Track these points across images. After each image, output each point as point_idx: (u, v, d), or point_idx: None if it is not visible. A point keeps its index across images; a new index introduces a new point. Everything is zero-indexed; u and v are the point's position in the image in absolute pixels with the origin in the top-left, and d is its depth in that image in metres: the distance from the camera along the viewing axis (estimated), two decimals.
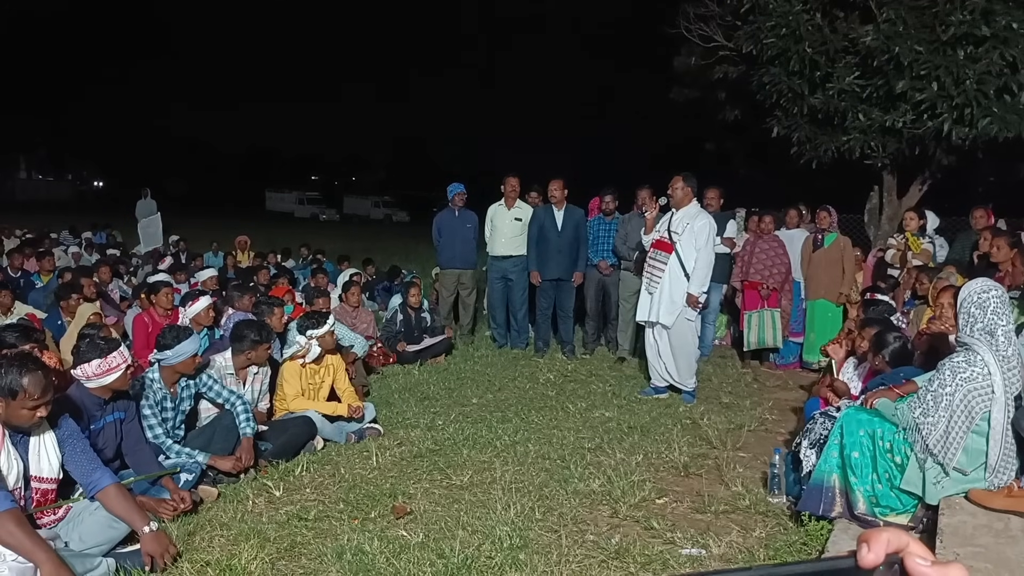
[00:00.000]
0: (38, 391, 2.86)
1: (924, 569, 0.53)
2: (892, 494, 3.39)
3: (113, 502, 3.08)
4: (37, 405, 2.88)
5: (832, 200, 7.54)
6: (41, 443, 3.04)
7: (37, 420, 2.92)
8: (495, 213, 7.91)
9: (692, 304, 5.84)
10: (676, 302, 5.84)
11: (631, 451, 4.67)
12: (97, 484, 3.11)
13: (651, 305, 5.94)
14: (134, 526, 3.05)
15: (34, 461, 3.00)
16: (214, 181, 51.93)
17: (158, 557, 2.99)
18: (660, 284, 5.87)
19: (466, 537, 3.40)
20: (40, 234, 13.59)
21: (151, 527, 3.06)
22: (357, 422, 4.99)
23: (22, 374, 2.83)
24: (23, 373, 2.83)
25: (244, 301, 6.20)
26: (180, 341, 4.05)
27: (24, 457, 2.97)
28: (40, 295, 7.81)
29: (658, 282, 5.89)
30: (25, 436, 2.99)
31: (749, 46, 9.30)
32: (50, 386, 2.95)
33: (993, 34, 7.70)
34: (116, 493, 3.12)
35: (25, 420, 2.89)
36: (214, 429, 4.24)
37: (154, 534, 3.05)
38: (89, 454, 3.19)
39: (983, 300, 3.26)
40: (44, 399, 2.90)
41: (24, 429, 2.96)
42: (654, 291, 5.92)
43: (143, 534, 3.03)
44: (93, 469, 3.15)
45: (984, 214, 6.90)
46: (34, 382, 2.85)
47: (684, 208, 5.91)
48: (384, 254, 16.16)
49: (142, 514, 3.11)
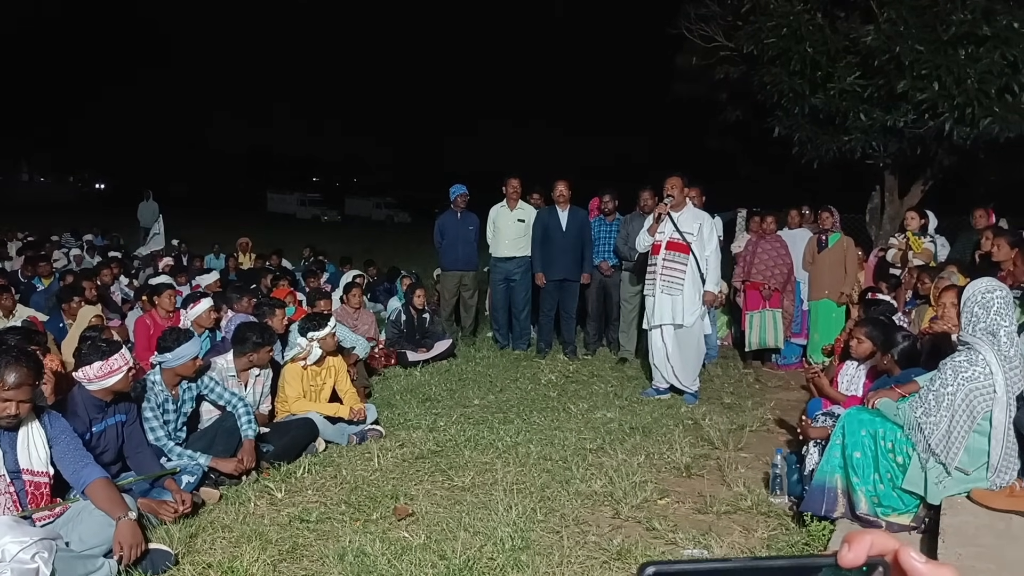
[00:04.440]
0: (14, 382, 2.88)
1: (918, 565, 0.53)
2: (894, 494, 3.39)
3: (98, 494, 3.08)
4: (8, 398, 2.90)
5: (833, 200, 7.54)
6: (29, 437, 3.06)
7: (6, 415, 2.93)
8: (497, 215, 7.91)
9: (710, 302, 5.96)
10: (696, 302, 5.88)
11: (633, 452, 4.67)
12: (86, 479, 3.11)
13: (674, 307, 5.89)
14: (112, 514, 3.03)
15: (23, 455, 3.02)
16: (215, 182, 51.98)
17: (126, 547, 2.97)
18: (683, 285, 5.86)
19: (468, 538, 3.40)
20: (41, 237, 13.61)
21: (128, 516, 3.05)
22: (359, 424, 4.99)
23: (6, 363, 2.87)
24: (7, 363, 2.87)
25: (243, 303, 6.20)
26: (181, 343, 4.06)
27: (11, 450, 2.99)
28: (41, 298, 7.82)
29: (680, 284, 5.86)
30: (12, 432, 3.01)
31: (750, 46, 9.30)
32: (29, 385, 2.97)
33: (994, 34, 7.69)
34: (102, 485, 3.12)
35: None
36: (216, 431, 4.24)
37: (130, 523, 3.03)
38: (80, 452, 3.19)
39: (987, 300, 3.26)
40: (17, 393, 2.91)
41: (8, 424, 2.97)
42: (676, 293, 5.87)
43: (118, 523, 3.02)
44: (83, 466, 3.15)
45: (985, 214, 6.90)
46: (13, 372, 2.88)
47: (686, 209, 5.93)
48: (385, 255, 16.17)
49: (122, 504, 3.10)
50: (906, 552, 0.54)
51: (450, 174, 11.56)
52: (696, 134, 14.65)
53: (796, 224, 7.78)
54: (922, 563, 0.53)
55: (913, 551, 0.54)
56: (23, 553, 2.67)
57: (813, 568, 0.55)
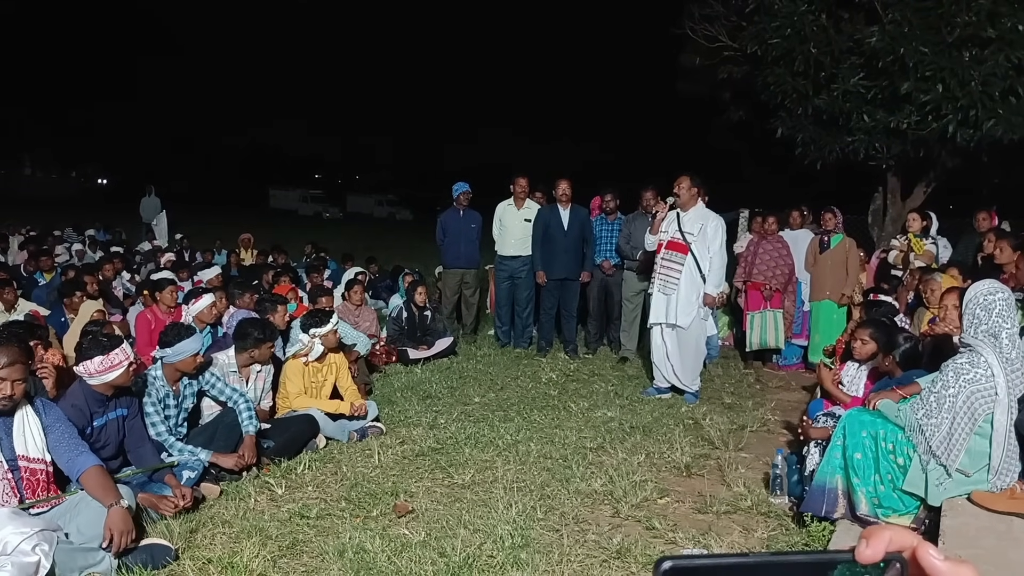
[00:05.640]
0: (3, 361, 2.90)
1: (936, 562, 0.53)
2: (894, 495, 3.39)
3: (91, 482, 3.08)
4: (1, 379, 2.91)
5: (836, 201, 7.53)
6: (25, 424, 3.06)
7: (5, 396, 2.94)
8: (504, 212, 7.91)
9: (710, 304, 5.92)
10: (693, 303, 5.85)
11: (633, 451, 4.67)
12: (81, 467, 3.11)
13: (668, 306, 5.91)
14: (103, 502, 3.03)
15: (19, 442, 3.02)
16: (217, 179, 51.93)
17: (116, 535, 2.96)
18: (677, 285, 5.86)
19: (468, 536, 3.40)
20: (43, 231, 13.62)
21: (119, 504, 3.05)
22: (359, 420, 4.99)
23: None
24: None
25: (245, 299, 6.21)
26: (181, 339, 4.06)
27: (7, 436, 2.99)
28: (43, 292, 7.83)
29: (676, 283, 5.86)
30: (8, 417, 3.01)
31: (754, 46, 9.30)
32: (21, 364, 2.98)
33: (998, 36, 7.69)
34: (96, 473, 3.12)
35: None
36: (216, 426, 4.24)
37: (120, 511, 3.03)
38: (74, 440, 3.19)
39: (989, 302, 3.25)
40: (9, 372, 2.93)
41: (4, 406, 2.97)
42: (671, 292, 5.88)
43: (110, 509, 3.02)
44: (78, 454, 3.15)
45: (988, 216, 6.89)
46: (2, 352, 2.90)
47: (693, 209, 5.91)
48: (387, 252, 16.17)
49: (114, 492, 3.09)
50: (925, 549, 0.53)
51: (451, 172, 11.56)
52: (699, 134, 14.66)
53: (798, 225, 7.77)
54: (940, 560, 0.53)
55: (932, 548, 0.53)
56: (24, 544, 2.68)
57: (831, 563, 0.55)
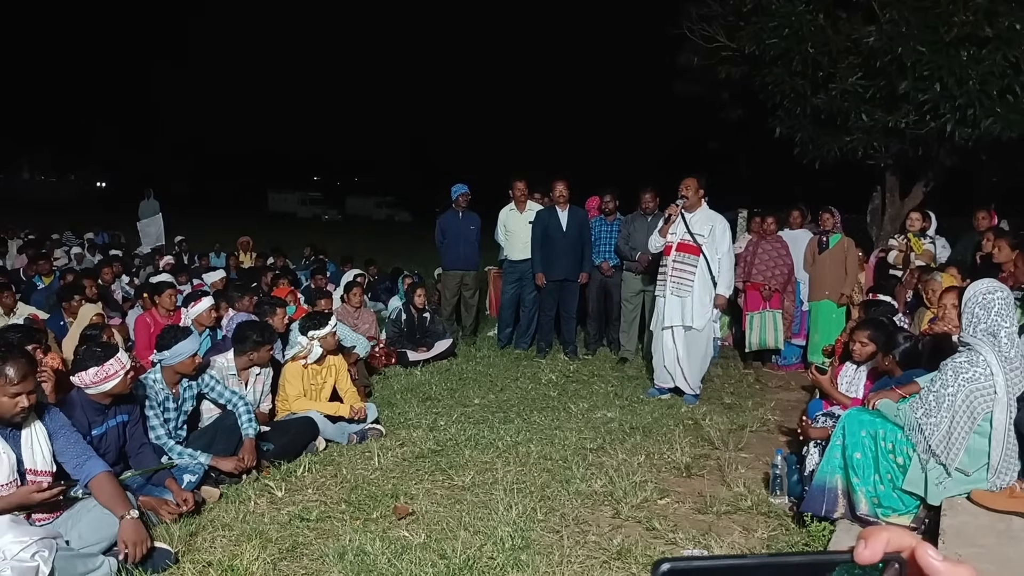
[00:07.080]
0: (18, 376, 2.88)
1: (935, 563, 0.53)
2: (894, 495, 3.39)
3: (102, 489, 3.09)
4: (18, 392, 2.89)
5: (834, 200, 7.53)
6: (33, 436, 3.05)
7: (20, 410, 2.93)
8: (508, 218, 7.91)
9: (720, 305, 5.95)
10: (707, 304, 5.86)
11: (633, 452, 4.67)
12: (89, 473, 3.11)
13: (683, 309, 5.86)
14: (115, 512, 3.04)
15: (28, 455, 3.01)
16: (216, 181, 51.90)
17: (131, 546, 2.97)
18: (692, 287, 5.83)
19: (468, 538, 3.40)
20: (42, 235, 13.62)
21: (131, 515, 3.05)
22: (359, 423, 4.99)
23: (3, 360, 2.86)
24: (3, 360, 2.87)
25: (244, 302, 6.21)
26: (178, 341, 4.06)
27: (17, 450, 2.98)
28: (42, 296, 7.83)
29: (690, 286, 5.83)
30: (16, 430, 3.00)
31: (752, 46, 9.30)
32: (32, 375, 2.97)
33: (996, 35, 7.69)
34: (105, 480, 3.12)
35: (7, 409, 2.90)
36: (216, 430, 4.24)
37: (134, 522, 3.04)
38: (80, 445, 3.19)
39: (987, 301, 3.26)
40: (24, 386, 2.91)
41: (12, 422, 2.96)
42: (685, 295, 5.84)
43: (122, 521, 3.02)
44: (86, 459, 3.15)
45: (986, 215, 6.90)
46: (14, 367, 2.88)
47: (699, 210, 5.90)
48: (386, 254, 16.17)
49: (125, 502, 3.11)
50: (923, 549, 0.53)
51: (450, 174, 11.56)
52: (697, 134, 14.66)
53: (797, 225, 7.77)
54: (939, 561, 0.53)
55: (931, 549, 0.53)
56: (23, 552, 2.68)
57: (829, 564, 0.55)
